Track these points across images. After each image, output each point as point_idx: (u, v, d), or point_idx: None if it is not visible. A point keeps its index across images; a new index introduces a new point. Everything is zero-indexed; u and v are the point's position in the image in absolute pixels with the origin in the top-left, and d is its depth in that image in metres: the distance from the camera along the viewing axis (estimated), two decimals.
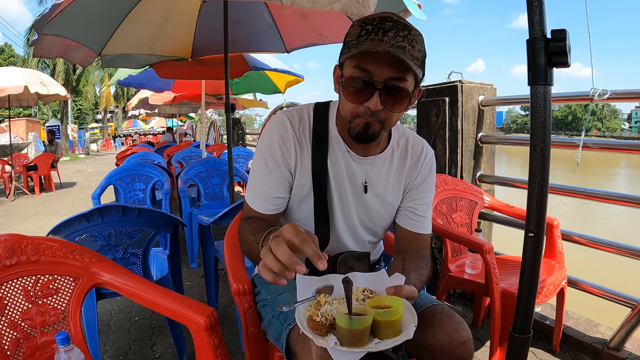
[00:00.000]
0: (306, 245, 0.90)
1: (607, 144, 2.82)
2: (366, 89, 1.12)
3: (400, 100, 1.14)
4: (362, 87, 1.12)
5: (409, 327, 0.98)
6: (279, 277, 0.90)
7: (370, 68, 1.10)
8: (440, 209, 2.68)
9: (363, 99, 1.13)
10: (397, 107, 1.15)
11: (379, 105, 1.11)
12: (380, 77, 1.10)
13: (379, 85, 1.10)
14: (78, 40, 3.02)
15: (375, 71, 1.10)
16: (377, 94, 1.10)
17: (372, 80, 1.10)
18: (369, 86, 1.11)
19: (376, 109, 1.12)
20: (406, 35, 1.08)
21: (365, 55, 1.09)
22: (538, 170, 1.17)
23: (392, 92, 1.12)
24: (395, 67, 1.09)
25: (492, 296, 2.11)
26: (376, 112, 1.13)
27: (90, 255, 1.46)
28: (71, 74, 25.00)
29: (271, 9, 3.67)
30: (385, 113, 1.15)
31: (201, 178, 4.37)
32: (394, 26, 1.08)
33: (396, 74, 1.10)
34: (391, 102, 1.13)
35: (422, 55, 1.13)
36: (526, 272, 1.22)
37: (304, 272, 0.88)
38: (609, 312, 2.65)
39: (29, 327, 1.35)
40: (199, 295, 3.38)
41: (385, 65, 1.09)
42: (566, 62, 1.12)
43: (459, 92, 3.06)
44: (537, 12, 1.14)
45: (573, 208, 10.59)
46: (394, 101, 1.14)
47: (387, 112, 1.15)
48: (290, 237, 0.92)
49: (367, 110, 1.14)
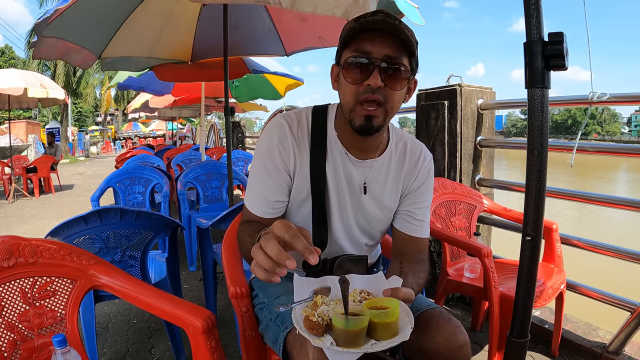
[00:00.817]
0: (296, 240, 0.90)
1: (605, 147, 2.82)
2: (366, 68, 1.15)
3: (399, 78, 1.17)
4: (362, 67, 1.15)
5: (406, 329, 0.98)
6: (271, 274, 0.90)
7: (368, 48, 1.14)
8: (439, 213, 2.68)
9: (363, 78, 1.15)
10: (397, 84, 1.17)
11: (380, 82, 1.14)
12: (378, 55, 1.14)
13: (377, 62, 1.14)
14: (78, 43, 3.03)
15: (373, 50, 1.14)
16: (376, 71, 1.14)
17: (371, 59, 1.14)
18: (368, 65, 1.14)
19: (377, 86, 1.14)
20: (398, 23, 1.13)
21: (362, 39, 1.14)
22: (535, 174, 1.17)
23: (391, 69, 1.15)
24: (391, 46, 1.14)
25: (491, 300, 2.11)
26: (377, 91, 1.15)
27: (88, 258, 1.46)
28: (71, 76, 25.00)
29: (271, 12, 3.68)
30: (386, 91, 1.16)
31: (200, 181, 4.37)
32: (386, 16, 1.13)
33: (394, 53, 1.14)
34: (391, 80, 1.16)
35: (415, 41, 1.17)
36: (523, 276, 1.22)
37: (294, 267, 0.87)
38: (608, 315, 2.64)
39: (26, 329, 1.35)
40: (197, 298, 3.37)
41: (382, 44, 1.13)
42: (563, 65, 1.12)
43: (458, 95, 3.06)
44: (535, 15, 1.14)
45: (578, 212, 10.54)
46: (394, 79, 1.16)
47: (388, 90, 1.17)
48: (281, 233, 0.91)
49: (367, 89, 1.15)
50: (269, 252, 0.89)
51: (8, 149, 10.00)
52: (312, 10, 2.20)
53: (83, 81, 26.99)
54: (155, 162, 6.07)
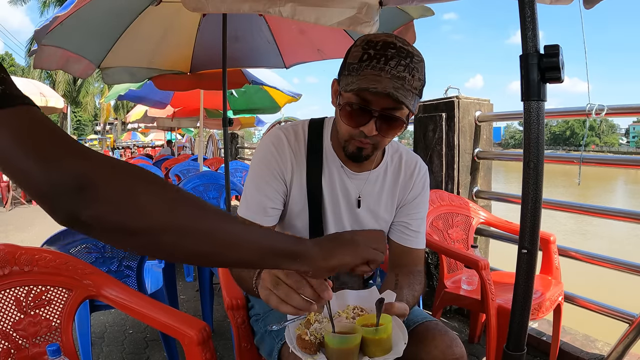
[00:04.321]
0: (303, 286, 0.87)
1: (604, 159, 2.82)
2: (363, 115, 1.15)
3: (394, 127, 1.18)
4: (359, 113, 1.15)
5: (399, 345, 0.97)
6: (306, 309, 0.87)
7: (368, 98, 1.12)
8: (437, 225, 2.68)
9: (359, 124, 1.16)
10: (390, 133, 1.19)
11: (374, 131, 1.14)
12: (377, 107, 1.13)
13: (375, 114, 1.13)
14: (77, 52, 3.04)
15: (373, 101, 1.12)
16: (373, 121, 1.14)
17: (369, 109, 1.13)
18: (365, 113, 1.14)
19: (371, 134, 1.15)
20: (408, 63, 1.10)
21: (366, 85, 1.10)
22: (532, 187, 1.17)
23: (388, 119, 1.15)
24: (393, 100, 1.11)
25: (488, 312, 2.11)
26: (370, 136, 1.16)
27: (84, 267, 1.46)
28: (71, 85, 25.09)
29: (270, 24, 3.70)
30: (379, 137, 1.18)
31: (198, 192, 4.36)
32: (396, 54, 1.10)
33: (393, 105, 1.12)
34: (386, 129, 1.17)
35: (422, 83, 1.15)
36: (520, 289, 1.21)
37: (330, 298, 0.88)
38: (606, 327, 2.63)
39: (20, 338, 1.35)
40: (194, 309, 3.35)
41: (384, 97, 1.10)
42: (559, 78, 1.12)
43: (455, 107, 3.08)
44: (531, 28, 1.15)
45: (584, 225, 10.49)
46: (389, 128, 1.17)
47: (381, 137, 1.19)
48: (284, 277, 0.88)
49: (361, 134, 1.17)
50: (305, 293, 0.85)
51: None
52: (314, 20, 2.19)
53: (83, 90, 27.12)
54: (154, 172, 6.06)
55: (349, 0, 2.18)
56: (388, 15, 2.51)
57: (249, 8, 2.10)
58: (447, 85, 3.48)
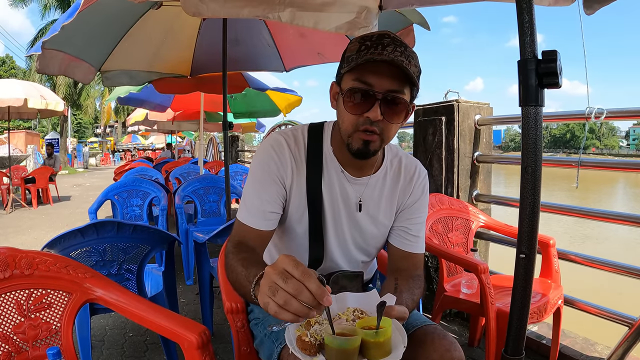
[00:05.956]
0: (308, 279, 0.86)
1: (602, 163, 2.82)
2: (366, 100, 1.15)
3: (398, 111, 1.18)
4: (363, 98, 1.15)
5: (399, 348, 0.97)
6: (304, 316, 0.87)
7: (370, 80, 1.13)
8: (436, 229, 2.68)
9: (363, 110, 1.15)
10: (395, 117, 1.18)
11: (379, 116, 1.14)
12: (380, 89, 1.13)
13: (379, 96, 1.13)
14: (78, 56, 3.05)
15: (375, 83, 1.13)
16: (377, 105, 1.13)
17: (372, 92, 1.14)
18: (369, 97, 1.14)
19: (376, 119, 1.15)
20: (403, 51, 1.12)
21: (366, 68, 1.13)
22: (529, 192, 1.18)
23: (392, 103, 1.15)
24: (395, 79, 1.13)
25: (487, 316, 2.11)
26: (376, 122, 1.16)
27: (84, 271, 1.46)
28: (72, 88, 25.11)
29: (270, 28, 3.71)
30: (384, 124, 1.17)
31: (198, 195, 4.37)
32: (391, 42, 1.12)
33: (396, 86, 1.14)
34: (390, 113, 1.16)
35: (418, 71, 1.16)
36: (518, 293, 1.22)
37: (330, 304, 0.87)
38: (606, 330, 2.63)
39: (20, 341, 1.35)
40: (194, 312, 3.35)
41: (386, 77, 1.13)
42: (557, 83, 1.13)
43: (455, 111, 3.08)
44: (529, 34, 1.15)
45: (589, 229, 10.45)
46: (393, 112, 1.17)
47: (386, 123, 1.18)
48: (290, 269, 0.87)
49: (367, 120, 1.16)
50: (304, 299, 0.85)
51: (7, 159, 10.00)
52: (313, 25, 2.20)
53: (84, 93, 27.09)
54: (154, 175, 6.06)
55: (348, 5, 2.19)
56: (387, 19, 2.52)
57: (247, 13, 2.10)
58: (447, 89, 3.49)
